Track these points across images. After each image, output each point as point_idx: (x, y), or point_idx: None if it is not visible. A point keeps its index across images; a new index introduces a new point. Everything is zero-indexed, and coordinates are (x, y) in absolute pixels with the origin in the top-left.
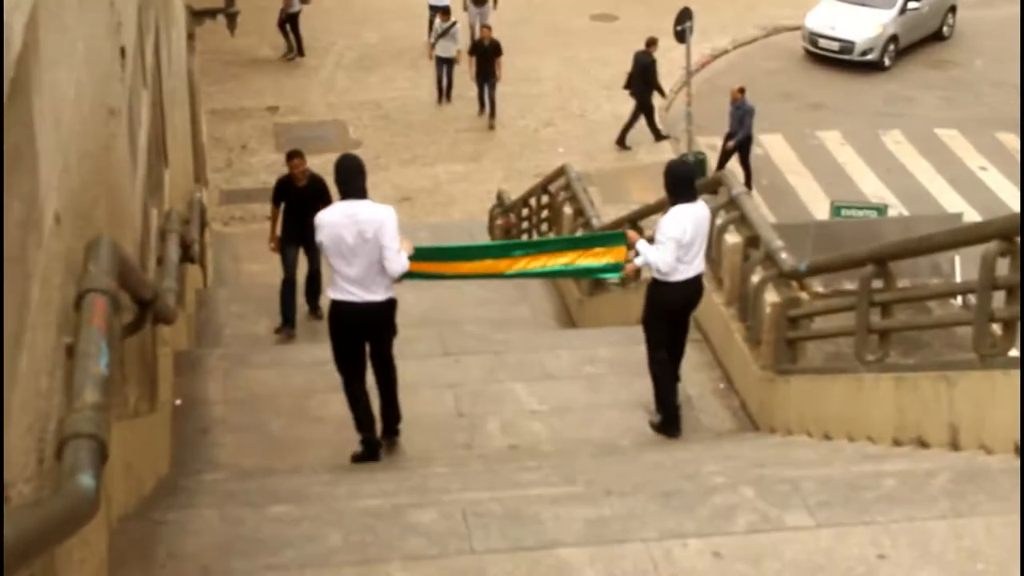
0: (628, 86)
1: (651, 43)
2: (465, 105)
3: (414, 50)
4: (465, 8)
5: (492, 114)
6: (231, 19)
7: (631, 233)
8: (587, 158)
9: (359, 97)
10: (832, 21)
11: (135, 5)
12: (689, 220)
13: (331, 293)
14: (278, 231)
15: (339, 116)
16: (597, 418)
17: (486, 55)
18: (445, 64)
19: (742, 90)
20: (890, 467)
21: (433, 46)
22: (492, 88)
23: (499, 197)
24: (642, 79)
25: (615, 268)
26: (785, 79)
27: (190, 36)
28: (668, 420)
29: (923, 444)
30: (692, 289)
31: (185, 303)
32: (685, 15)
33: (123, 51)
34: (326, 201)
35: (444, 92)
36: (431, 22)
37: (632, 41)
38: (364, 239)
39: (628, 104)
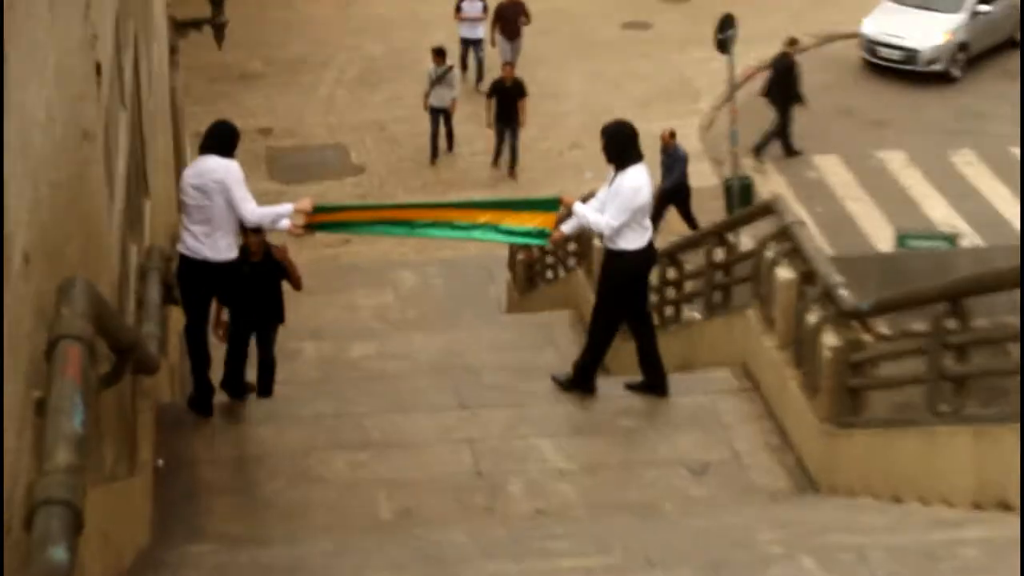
0: (767, 93)
1: (792, 43)
2: (477, 119)
3: (422, 64)
4: (493, 44)
5: (513, 162)
6: (219, 31)
7: (566, 197)
8: None
9: (362, 117)
10: (893, 27)
11: (112, 16)
12: (643, 182)
13: (179, 247)
14: (224, 314)
15: (340, 139)
16: (633, 478)
17: (508, 97)
18: (440, 115)
19: (672, 134)
20: (969, 534)
21: (428, 95)
22: (514, 136)
23: None
24: (782, 85)
25: (541, 235)
26: (841, 93)
27: (173, 50)
28: (656, 383)
29: (1007, 507)
30: (651, 253)
31: (168, 350)
32: (727, 22)
33: (99, 67)
34: (277, 281)
35: (437, 148)
36: (463, 58)
37: (668, 52)
38: (205, 192)
39: (663, 123)
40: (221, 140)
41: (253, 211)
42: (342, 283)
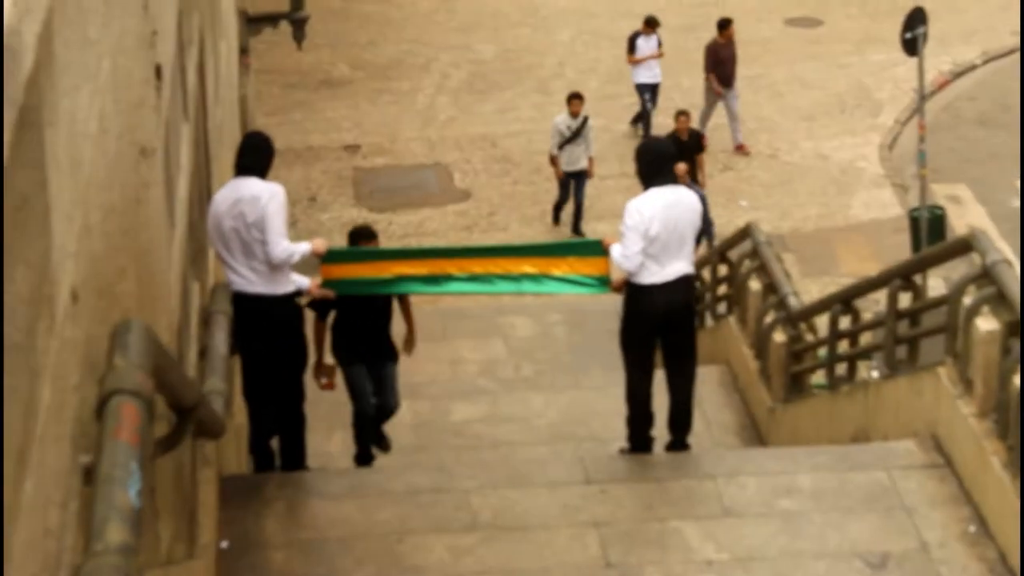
0: None
1: None
2: (607, 137)
3: (543, 68)
4: (718, 92)
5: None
6: (298, 28)
7: (606, 239)
8: (779, 214)
9: (468, 131)
10: None
11: (174, 12)
12: (655, 207)
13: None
14: (328, 356)
15: (441, 158)
16: (797, 571)
17: (685, 153)
18: (573, 180)
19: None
20: None
21: (555, 159)
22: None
23: None
24: None
25: (600, 283)
26: None
27: (243, 51)
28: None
29: None
30: (674, 296)
31: (234, 410)
32: (917, 18)
33: (159, 71)
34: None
35: (560, 215)
36: (643, 112)
37: (841, 54)
38: (245, 222)
39: (834, 141)
40: (263, 157)
41: (285, 249)
42: (442, 331)
